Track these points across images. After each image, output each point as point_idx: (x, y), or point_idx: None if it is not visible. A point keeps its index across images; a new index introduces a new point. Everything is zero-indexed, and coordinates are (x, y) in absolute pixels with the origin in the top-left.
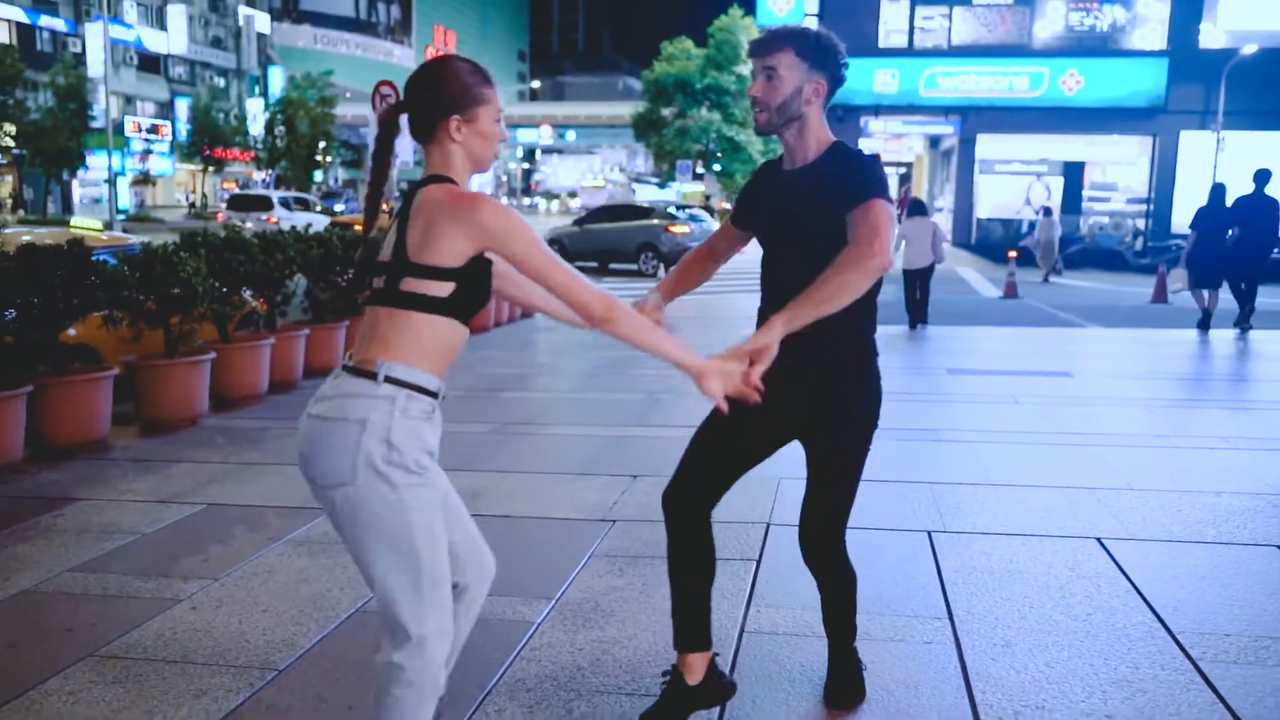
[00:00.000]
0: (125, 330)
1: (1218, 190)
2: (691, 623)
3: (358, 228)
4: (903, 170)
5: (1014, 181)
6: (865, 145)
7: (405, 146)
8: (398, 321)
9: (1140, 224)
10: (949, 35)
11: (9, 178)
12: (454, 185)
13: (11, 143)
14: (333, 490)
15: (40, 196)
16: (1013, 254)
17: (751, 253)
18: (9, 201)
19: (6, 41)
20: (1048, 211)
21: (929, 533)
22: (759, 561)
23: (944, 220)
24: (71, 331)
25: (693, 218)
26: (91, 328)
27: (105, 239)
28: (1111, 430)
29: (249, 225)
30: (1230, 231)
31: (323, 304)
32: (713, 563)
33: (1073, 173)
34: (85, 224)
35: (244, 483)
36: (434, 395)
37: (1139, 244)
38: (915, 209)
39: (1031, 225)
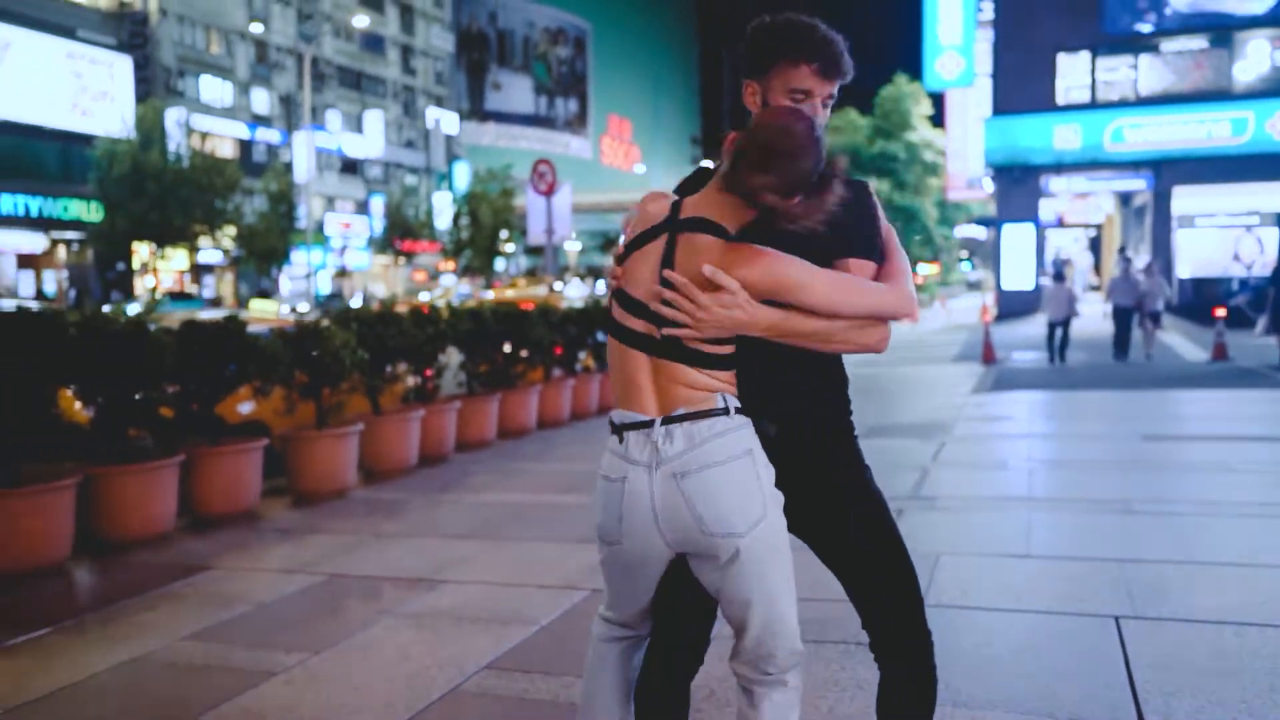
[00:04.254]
0: (280, 403)
1: None
2: None
3: (524, 306)
4: (1092, 233)
5: (1219, 236)
6: (1047, 206)
7: (563, 219)
8: (708, 372)
9: None
10: (1135, 86)
11: (229, 275)
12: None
13: (231, 245)
14: (744, 535)
15: (253, 291)
16: (1220, 312)
17: None
18: (227, 297)
19: (230, 156)
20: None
21: (1116, 618)
22: None
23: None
24: (245, 408)
25: None
26: (266, 408)
27: (275, 319)
28: None
29: None
30: None
31: (476, 377)
32: None
33: None
34: (263, 306)
35: (372, 553)
36: None
37: None
38: (1056, 278)
39: (1243, 283)
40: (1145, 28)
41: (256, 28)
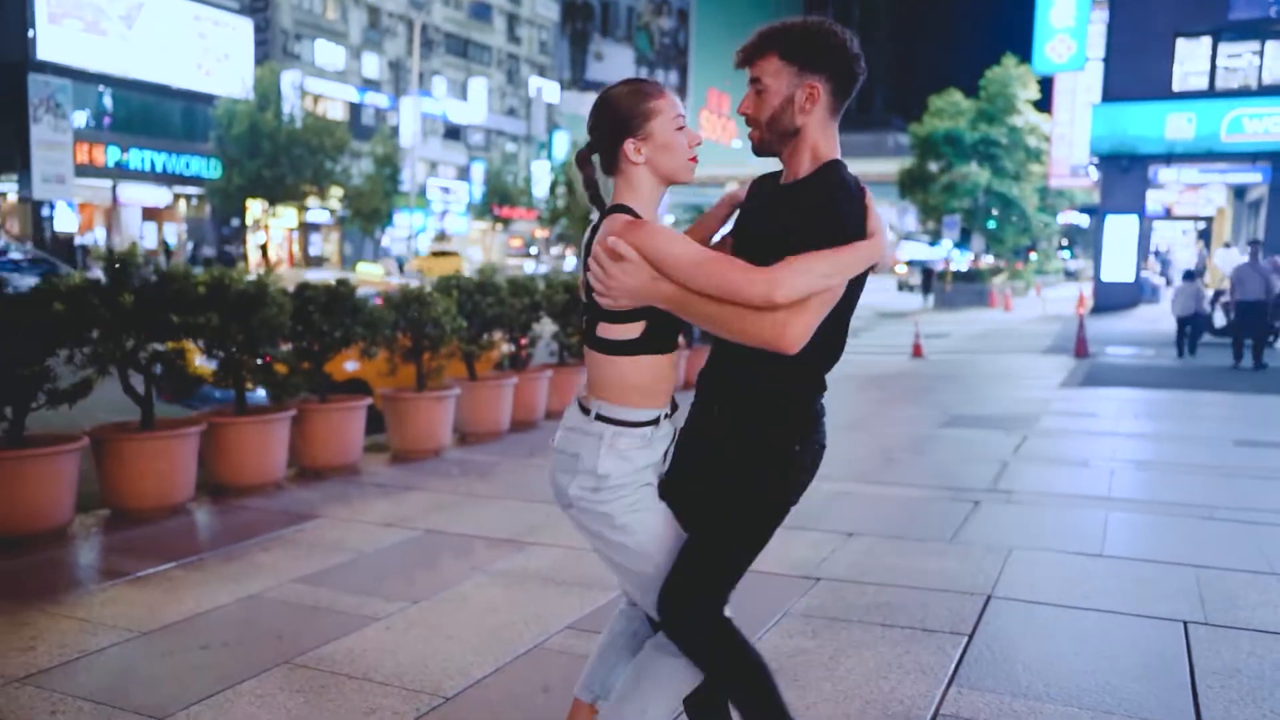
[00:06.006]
0: (383, 364)
1: None
2: None
3: None
4: (1201, 226)
5: None
6: (1154, 197)
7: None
8: (602, 364)
9: None
10: (1259, 73)
11: (334, 235)
12: (626, 215)
13: (338, 205)
14: (567, 510)
15: (358, 251)
16: None
17: None
18: (332, 256)
19: (340, 119)
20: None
21: (1185, 623)
22: (971, 636)
23: None
24: (350, 367)
25: None
26: (369, 368)
27: (380, 283)
28: None
29: None
30: None
31: (568, 347)
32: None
33: None
34: (369, 269)
35: (465, 512)
36: (650, 423)
37: None
38: (1186, 276)
39: None
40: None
41: None
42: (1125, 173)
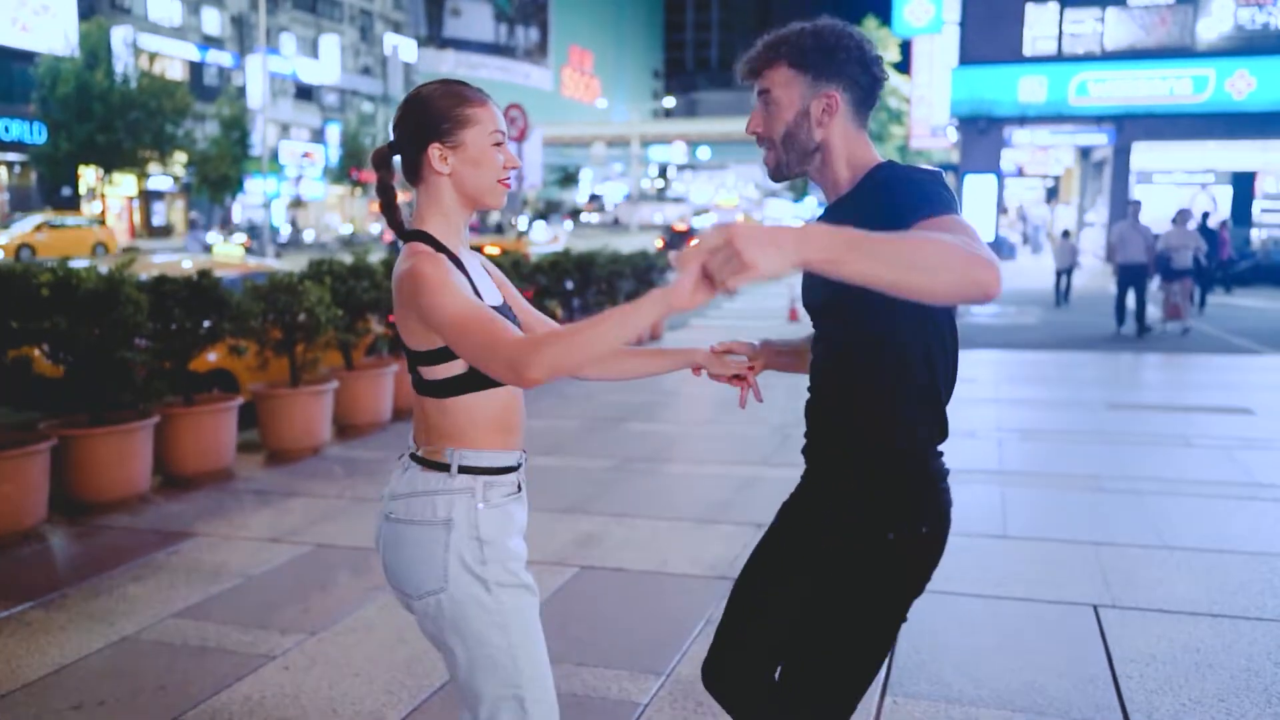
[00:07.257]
0: (252, 357)
1: None
2: None
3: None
4: (1050, 183)
5: (1175, 193)
6: (1009, 156)
7: (533, 166)
8: (439, 409)
9: None
10: (1101, 39)
11: (179, 203)
12: (420, 245)
13: (182, 171)
14: (425, 599)
15: (207, 220)
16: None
17: None
18: (180, 225)
19: (180, 79)
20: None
21: (1095, 607)
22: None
23: (1098, 235)
24: (212, 357)
25: None
26: (237, 359)
27: (240, 265)
28: None
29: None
30: None
31: None
32: None
33: (1243, 183)
34: (228, 251)
35: (355, 521)
36: (515, 469)
37: None
38: (1063, 235)
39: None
40: None
41: None
42: (983, 134)
